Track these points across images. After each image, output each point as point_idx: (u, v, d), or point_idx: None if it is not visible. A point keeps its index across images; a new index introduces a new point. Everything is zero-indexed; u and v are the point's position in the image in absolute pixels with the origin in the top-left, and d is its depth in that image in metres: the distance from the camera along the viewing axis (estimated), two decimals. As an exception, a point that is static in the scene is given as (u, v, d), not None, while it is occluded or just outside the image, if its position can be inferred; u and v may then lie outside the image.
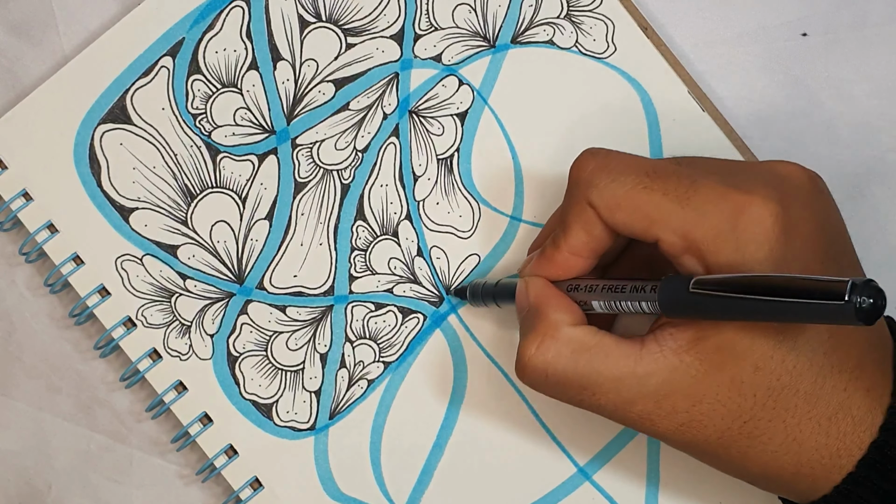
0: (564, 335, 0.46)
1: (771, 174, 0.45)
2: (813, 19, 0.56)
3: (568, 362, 0.45)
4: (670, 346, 0.44)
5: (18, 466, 0.56)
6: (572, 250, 0.47)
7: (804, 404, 0.44)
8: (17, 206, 0.55)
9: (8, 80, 0.56)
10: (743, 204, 0.43)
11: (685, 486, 0.55)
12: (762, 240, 0.43)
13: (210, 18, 0.55)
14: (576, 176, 0.46)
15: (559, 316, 0.47)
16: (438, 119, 0.55)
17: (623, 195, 0.45)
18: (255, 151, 0.55)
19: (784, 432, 0.44)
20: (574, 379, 0.45)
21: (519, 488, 0.55)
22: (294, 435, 0.55)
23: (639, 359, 0.45)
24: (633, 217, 0.45)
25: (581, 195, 0.46)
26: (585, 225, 0.46)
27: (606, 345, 0.45)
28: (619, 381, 0.45)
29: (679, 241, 0.44)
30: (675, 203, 0.44)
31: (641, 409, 0.45)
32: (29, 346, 0.56)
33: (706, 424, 0.45)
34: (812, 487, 0.45)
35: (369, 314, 0.55)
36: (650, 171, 0.45)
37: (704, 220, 0.43)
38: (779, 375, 0.44)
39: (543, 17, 0.55)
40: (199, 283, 0.55)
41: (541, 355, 0.46)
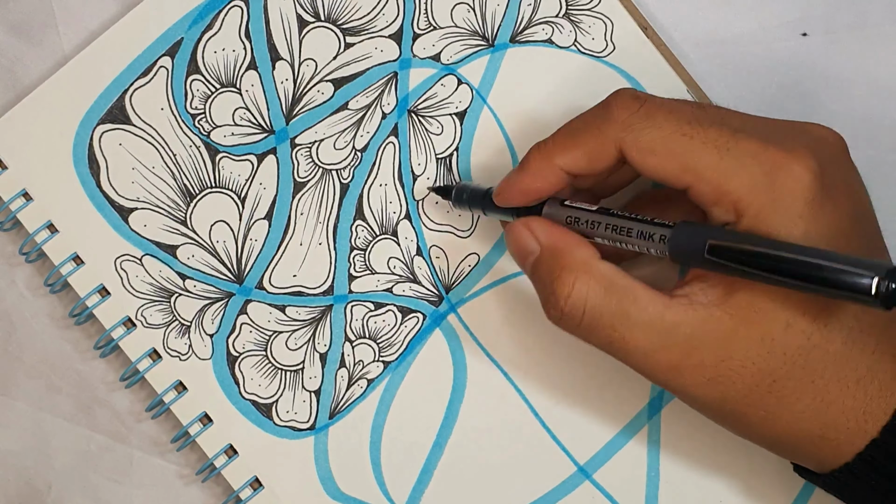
0: (597, 270, 0.45)
1: (806, 134, 0.45)
2: (813, 19, 0.56)
3: (602, 299, 0.45)
4: (700, 299, 0.44)
5: (18, 466, 0.56)
6: (563, 165, 0.46)
7: (833, 365, 0.44)
8: (17, 206, 0.55)
9: (8, 80, 0.56)
10: (783, 160, 0.43)
11: (685, 485, 0.55)
12: (799, 197, 0.42)
13: (209, 18, 0.55)
14: (615, 114, 0.45)
15: (584, 251, 0.46)
16: (437, 118, 0.55)
17: (661, 141, 0.44)
18: (255, 151, 0.55)
19: (812, 393, 0.44)
20: (607, 317, 0.45)
21: (519, 487, 0.55)
22: (294, 434, 0.55)
23: (668, 306, 0.44)
24: (667, 161, 0.44)
25: (612, 132, 0.45)
26: (595, 157, 0.46)
27: (635, 288, 0.45)
28: (648, 325, 0.44)
29: (712, 192, 0.43)
30: (713, 152, 0.43)
31: (671, 357, 0.44)
32: (29, 346, 0.57)
33: (734, 380, 0.44)
34: (834, 453, 0.45)
35: (369, 314, 0.55)
36: (692, 118, 0.44)
37: (742, 170, 0.43)
38: (810, 334, 0.43)
39: (542, 15, 0.55)
40: (198, 283, 0.55)
41: (578, 292, 0.45)
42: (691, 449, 0.55)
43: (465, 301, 0.55)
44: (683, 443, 0.55)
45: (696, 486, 0.55)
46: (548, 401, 0.55)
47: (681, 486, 0.55)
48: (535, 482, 0.55)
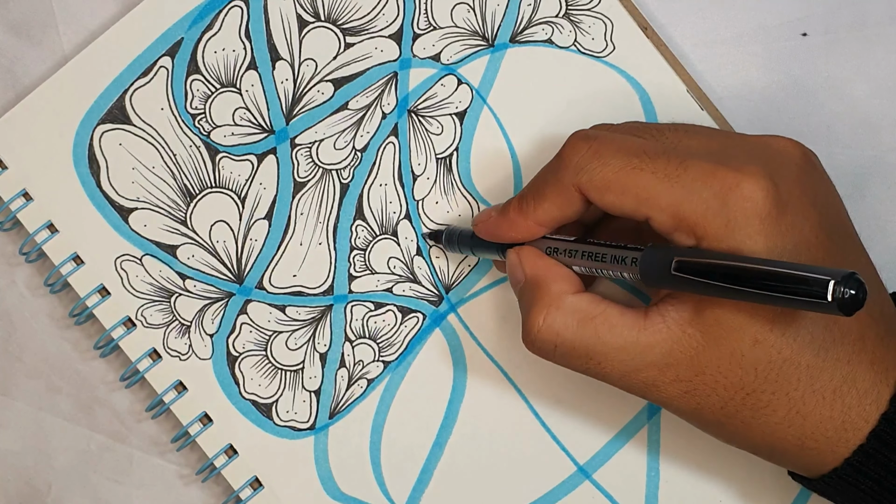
0: (569, 305, 0.46)
1: (763, 149, 0.46)
2: (813, 19, 0.56)
3: (574, 332, 0.46)
4: (673, 316, 0.45)
5: (18, 466, 0.56)
6: (539, 221, 0.48)
7: (807, 377, 0.44)
8: (17, 206, 0.55)
9: (8, 80, 0.56)
10: (733, 181, 0.43)
11: (685, 485, 0.55)
12: (752, 216, 0.43)
13: (209, 18, 0.55)
14: (567, 159, 0.46)
15: (560, 286, 0.47)
16: (437, 118, 0.55)
17: (613, 177, 0.45)
18: (255, 151, 0.55)
19: (787, 405, 0.44)
20: (581, 348, 0.46)
21: (519, 487, 0.55)
22: (294, 434, 0.55)
23: (642, 329, 0.45)
24: (623, 197, 0.45)
25: (569, 178, 0.46)
26: (562, 204, 0.47)
27: (611, 315, 0.46)
28: (623, 350, 0.45)
29: (669, 220, 0.44)
30: (664, 182, 0.44)
31: (646, 376, 0.45)
32: (29, 346, 0.57)
33: (709, 394, 0.45)
34: (818, 461, 0.45)
35: (369, 313, 0.55)
36: (640, 152, 0.45)
37: (694, 197, 0.43)
38: (779, 349, 0.44)
39: (542, 16, 0.55)
40: (198, 282, 0.55)
41: (548, 326, 0.46)
42: (691, 449, 0.55)
43: (465, 301, 0.55)
44: (683, 443, 0.55)
45: (696, 486, 0.55)
46: (548, 401, 0.55)
47: (680, 486, 0.55)
48: (535, 482, 0.55)
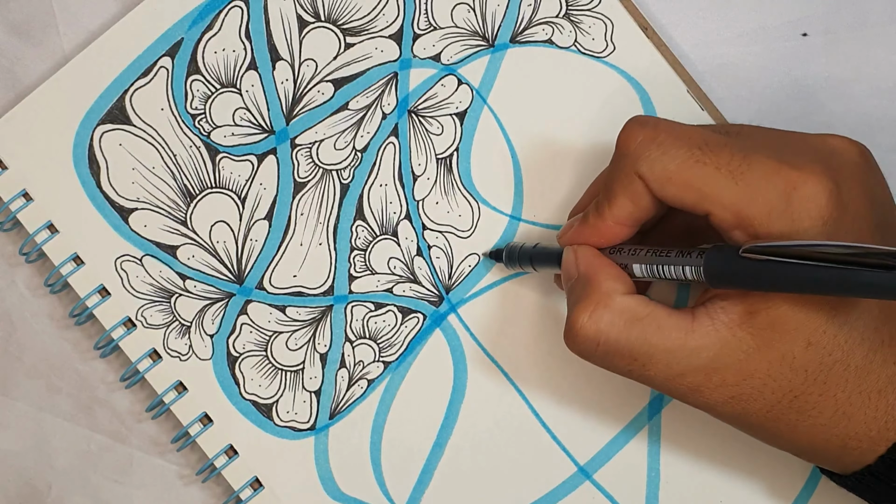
0: (618, 304, 0.45)
1: (823, 149, 0.45)
2: (813, 19, 0.56)
3: (621, 332, 0.45)
4: (722, 319, 0.44)
5: (18, 466, 0.56)
6: (616, 220, 0.47)
7: (854, 378, 0.44)
8: (17, 206, 0.55)
9: (8, 80, 0.56)
10: (797, 180, 0.43)
11: (685, 486, 0.55)
12: (816, 216, 0.43)
13: (209, 18, 0.55)
14: (624, 146, 0.46)
15: (611, 284, 0.46)
16: (437, 118, 0.55)
17: (675, 169, 0.44)
18: (255, 151, 0.55)
19: (833, 406, 0.44)
20: (626, 349, 0.45)
21: (519, 487, 0.55)
22: (294, 435, 0.55)
23: (690, 331, 0.44)
24: (684, 191, 0.44)
25: (629, 167, 0.45)
26: (632, 196, 0.46)
27: (659, 316, 0.45)
28: (670, 353, 0.44)
29: (731, 217, 0.43)
30: (727, 178, 0.43)
31: (691, 381, 0.45)
32: (29, 346, 0.57)
33: (755, 398, 0.44)
34: (858, 460, 0.45)
35: (369, 314, 0.55)
36: (702, 143, 0.44)
37: (757, 196, 0.43)
38: (830, 351, 0.43)
39: (542, 16, 0.55)
40: (198, 283, 0.55)
41: (593, 324, 0.45)
42: (692, 449, 0.55)
43: (465, 301, 0.55)
44: (684, 443, 0.55)
45: (697, 486, 0.55)
46: (548, 401, 0.55)
47: (681, 487, 0.55)
48: (535, 482, 0.55)
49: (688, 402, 0.46)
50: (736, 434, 0.54)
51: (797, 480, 0.54)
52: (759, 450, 0.54)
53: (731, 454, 0.55)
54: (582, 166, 0.55)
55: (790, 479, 0.54)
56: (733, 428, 0.54)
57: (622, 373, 0.46)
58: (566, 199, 0.55)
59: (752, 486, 0.55)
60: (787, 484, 0.54)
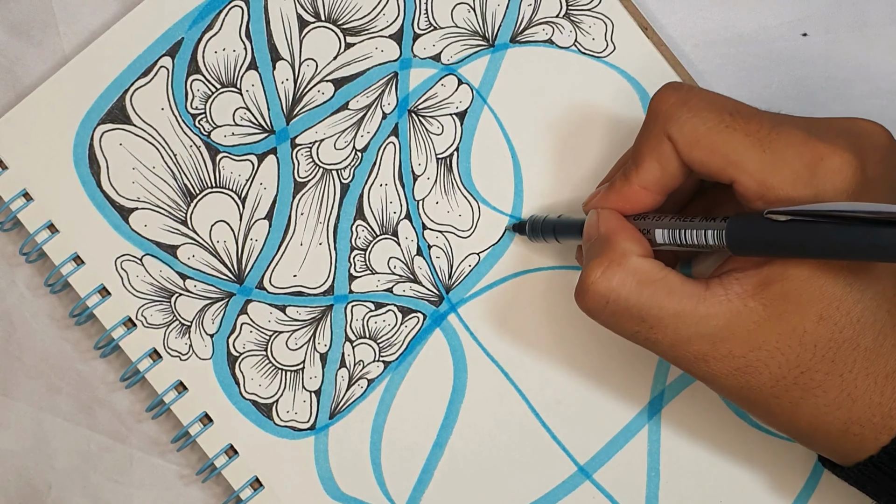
0: (632, 264, 0.46)
1: (851, 129, 0.45)
2: (813, 19, 0.56)
3: (631, 292, 0.45)
4: (735, 290, 0.44)
5: (18, 466, 0.56)
6: (644, 184, 0.47)
7: (863, 360, 0.44)
8: (18, 206, 0.55)
9: (8, 80, 0.56)
10: (824, 153, 0.43)
11: (685, 486, 0.55)
12: (839, 189, 0.43)
13: (209, 18, 0.55)
14: (655, 108, 0.46)
15: (628, 245, 0.46)
16: (438, 118, 0.55)
17: (704, 132, 0.44)
18: (255, 151, 0.55)
19: (839, 387, 0.44)
20: (634, 310, 0.45)
21: (519, 487, 0.55)
22: (294, 435, 0.55)
23: (702, 299, 0.44)
24: (711, 155, 0.44)
25: (660, 128, 0.45)
26: (661, 158, 0.46)
27: (671, 281, 0.45)
28: (678, 317, 0.44)
29: (755, 185, 0.43)
30: (755, 145, 0.43)
31: (697, 349, 0.45)
32: (29, 346, 0.57)
33: (761, 371, 0.44)
34: (858, 447, 0.45)
35: (369, 314, 0.55)
36: (733, 110, 0.44)
37: (784, 164, 0.43)
38: (842, 328, 0.43)
39: (542, 16, 0.55)
40: (198, 283, 0.55)
41: (605, 280, 0.45)
42: (691, 450, 0.55)
43: (465, 301, 0.55)
44: (683, 443, 0.55)
45: (697, 486, 0.55)
46: (548, 401, 0.55)
47: (681, 487, 0.55)
48: (535, 482, 0.55)
49: (692, 372, 0.46)
50: (736, 434, 0.54)
51: (797, 481, 0.54)
52: (760, 450, 0.54)
53: (731, 454, 0.55)
54: (582, 166, 0.55)
55: (790, 480, 0.54)
56: (732, 428, 0.54)
57: (628, 335, 0.46)
58: (566, 199, 0.55)
59: (752, 486, 0.55)
60: (787, 484, 0.55)
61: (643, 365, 0.55)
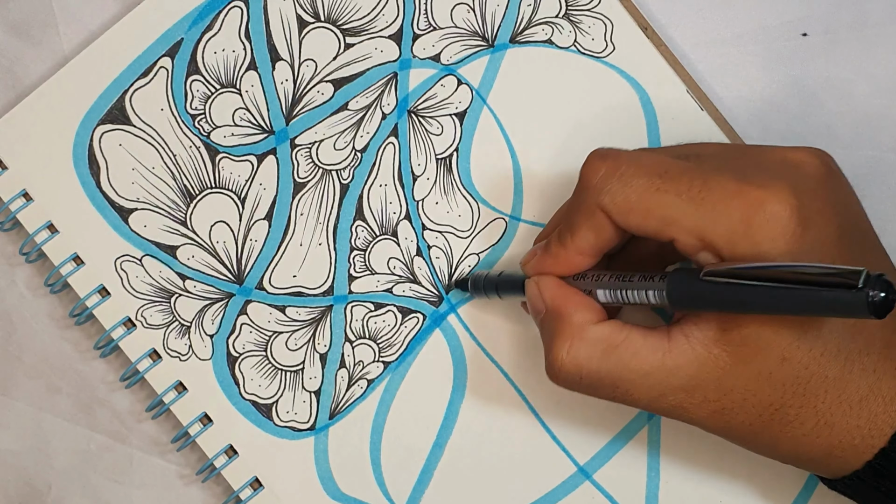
0: (592, 335, 0.46)
1: (783, 163, 0.45)
2: (813, 19, 0.56)
3: (600, 363, 0.46)
4: (697, 337, 0.44)
5: (18, 466, 0.57)
6: (579, 250, 0.47)
7: (834, 389, 0.44)
8: (17, 206, 0.55)
9: (8, 80, 0.56)
10: (757, 200, 0.43)
11: (685, 486, 0.55)
12: (778, 235, 0.43)
13: (209, 19, 0.55)
14: (586, 180, 0.46)
15: (582, 315, 0.47)
16: (437, 119, 0.55)
17: (636, 198, 0.44)
18: (254, 152, 0.55)
19: (815, 417, 0.44)
20: (607, 379, 0.46)
21: (519, 487, 0.55)
22: (294, 435, 0.55)
23: (667, 352, 0.44)
24: (646, 219, 0.44)
25: (592, 200, 0.46)
26: (594, 227, 0.46)
27: (634, 340, 0.45)
28: (649, 376, 0.45)
29: (694, 241, 0.44)
30: (688, 203, 0.43)
31: (673, 400, 0.45)
32: (29, 346, 0.57)
33: (738, 412, 0.45)
34: (843, 466, 0.45)
35: (369, 314, 0.55)
36: (661, 171, 0.44)
37: (719, 218, 0.43)
38: (806, 364, 0.44)
39: (542, 16, 0.55)
40: (198, 283, 0.55)
41: (572, 359, 0.46)
42: (691, 449, 0.55)
43: (465, 301, 0.55)
44: (683, 443, 0.55)
45: (696, 486, 0.55)
46: (548, 401, 0.55)
47: (681, 487, 0.55)
48: (535, 482, 0.55)
49: (675, 418, 0.46)
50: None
51: (797, 480, 0.54)
52: (759, 450, 0.54)
53: (731, 455, 0.54)
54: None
55: (790, 479, 0.54)
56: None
57: (607, 399, 0.47)
58: (566, 200, 0.55)
59: (751, 486, 0.55)
60: (786, 484, 0.54)
61: (643, 365, 0.55)
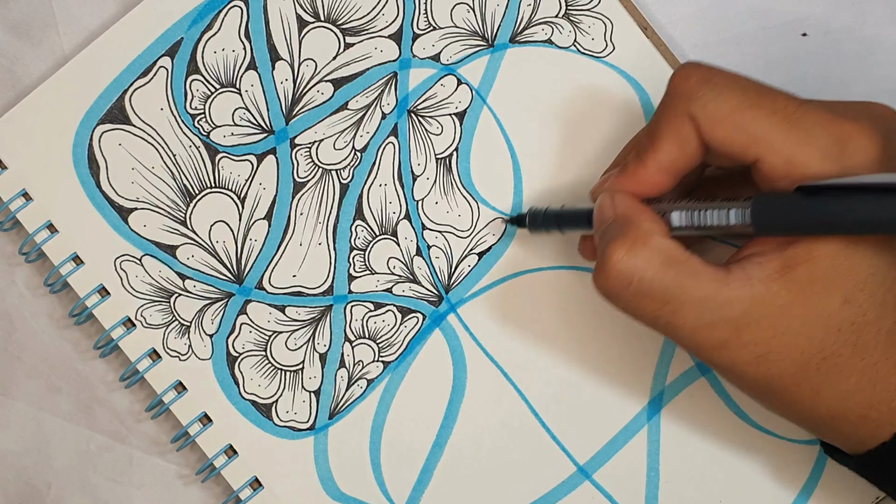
0: (656, 243, 0.44)
1: (867, 110, 0.45)
2: (813, 19, 0.56)
3: (657, 271, 0.44)
4: (757, 274, 0.43)
5: (18, 466, 0.57)
6: (660, 166, 0.46)
7: (885, 343, 0.44)
8: (17, 206, 0.55)
9: (8, 80, 0.56)
10: (851, 131, 0.43)
11: (685, 486, 0.55)
12: (867, 166, 0.43)
13: (208, 18, 0.55)
14: (677, 87, 0.45)
15: (651, 225, 0.45)
16: (437, 118, 0.55)
17: (728, 110, 0.44)
18: (254, 151, 0.55)
19: (861, 370, 0.44)
20: (659, 291, 0.44)
21: (518, 487, 0.55)
22: (294, 435, 0.55)
23: (724, 283, 0.43)
24: (736, 133, 0.44)
25: (681, 107, 0.44)
26: (679, 139, 0.45)
27: (695, 263, 0.44)
28: (702, 302, 0.44)
29: (782, 162, 0.43)
30: (782, 122, 0.43)
31: (720, 335, 0.44)
32: (29, 346, 0.57)
33: (784, 357, 0.44)
34: (874, 433, 0.45)
35: (368, 314, 0.55)
36: (757, 88, 0.44)
37: (812, 140, 0.43)
38: (866, 310, 0.43)
39: (542, 16, 0.55)
40: (198, 283, 0.55)
41: (630, 259, 0.44)
42: (691, 449, 0.55)
43: (464, 301, 0.55)
44: (683, 443, 0.55)
45: (696, 486, 0.55)
46: (547, 401, 0.55)
47: (680, 487, 0.55)
48: (534, 482, 0.55)
49: (711, 360, 0.45)
50: (736, 434, 0.54)
51: (797, 480, 0.54)
52: (759, 450, 0.54)
53: (731, 454, 0.55)
54: (582, 166, 0.55)
55: (789, 479, 0.54)
56: (732, 428, 0.54)
57: (648, 318, 0.45)
58: (566, 200, 0.55)
59: (751, 487, 0.55)
60: (786, 484, 0.54)
61: (643, 365, 0.55)
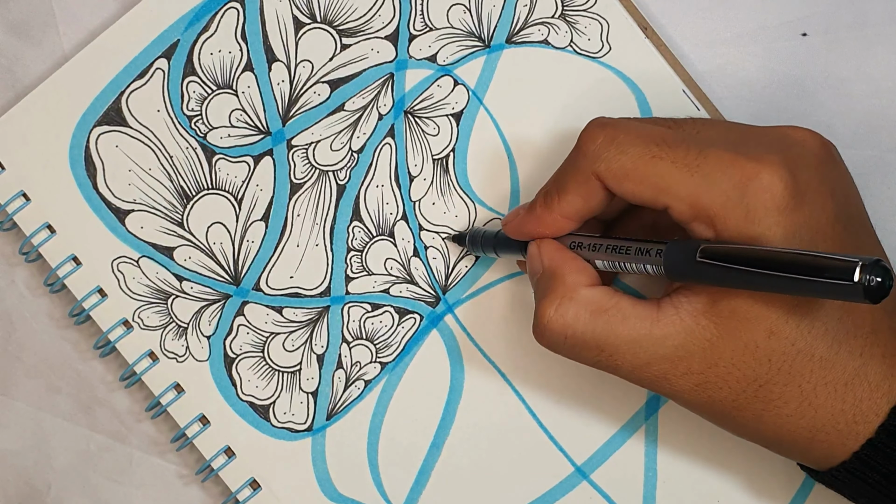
0: (582, 296, 0.46)
1: (781, 139, 0.46)
2: (813, 19, 0.55)
3: (586, 324, 0.46)
4: (686, 308, 0.44)
5: (18, 466, 0.57)
6: (564, 214, 0.48)
7: (819, 369, 0.44)
8: (15, 206, 0.55)
9: (8, 80, 0.57)
10: (752, 171, 0.43)
11: (683, 485, 0.55)
12: (771, 207, 0.43)
13: (205, 20, 0.55)
14: (584, 147, 0.46)
15: (575, 277, 0.47)
16: (434, 119, 0.55)
17: (631, 165, 0.45)
18: (251, 153, 0.55)
19: (799, 397, 0.44)
20: (592, 340, 0.46)
21: (516, 488, 0.55)
22: (291, 436, 0.55)
23: (655, 321, 0.45)
24: (641, 186, 0.45)
25: (587, 167, 0.46)
26: (585, 194, 0.47)
27: (623, 307, 0.46)
28: (635, 342, 0.45)
29: (688, 209, 0.44)
30: (683, 171, 0.44)
31: (658, 370, 0.45)
32: (29, 346, 0.57)
33: (721, 386, 0.45)
34: (827, 454, 0.45)
35: (366, 315, 0.55)
36: (658, 140, 0.45)
37: (713, 187, 0.43)
38: (793, 341, 0.44)
39: (538, 16, 0.55)
40: (195, 284, 0.55)
41: (560, 317, 0.46)
42: (689, 448, 0.55)
43: (462, 302, 0.55)
44: (681, 442, 0.55)
45: (694, 485, 0.55)
46: (545, 401, 0.55)
47: (678, 486, 0.55)
48: (532, 482, 0.55)
49: (656, 391, 0.46)
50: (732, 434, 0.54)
51: (795, 479, 0.54)
52: (757, 449, 0.54)
53: (729, 453, 0.55)
54: (579, 167, 0.55)
55: (788, 478, 0.54)
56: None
57: (591, 364, 0.47)
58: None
59: (749, 486, 0.55)
60: (784, 483, 0.54)
61: (640, 366, 0.55)
